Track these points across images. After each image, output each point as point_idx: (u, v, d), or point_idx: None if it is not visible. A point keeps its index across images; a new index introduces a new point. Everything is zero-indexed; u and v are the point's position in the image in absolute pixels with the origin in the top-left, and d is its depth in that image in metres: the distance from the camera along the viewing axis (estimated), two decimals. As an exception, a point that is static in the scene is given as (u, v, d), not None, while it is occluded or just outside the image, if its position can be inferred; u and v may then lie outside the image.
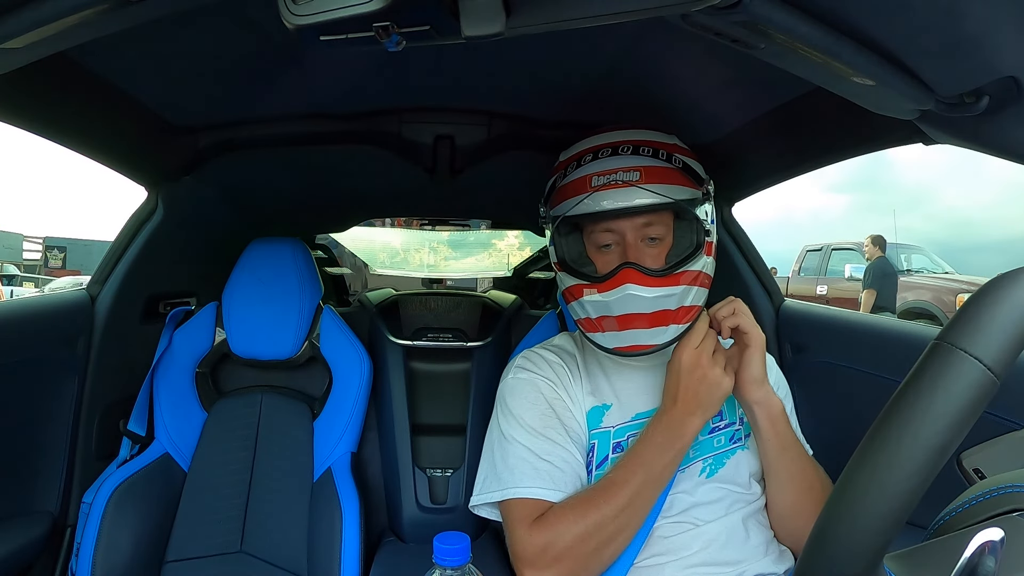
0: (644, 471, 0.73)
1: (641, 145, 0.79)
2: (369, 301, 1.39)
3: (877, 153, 0.90)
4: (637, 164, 0.77)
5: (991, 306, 0.35)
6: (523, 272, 2.10)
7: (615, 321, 0.77)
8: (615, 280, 0.76)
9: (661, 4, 0.43)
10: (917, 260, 7.28)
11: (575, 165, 0.80)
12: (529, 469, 0.78)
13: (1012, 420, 0.80)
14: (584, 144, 0.82)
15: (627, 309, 0.76)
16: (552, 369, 0.86)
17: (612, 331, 0.78)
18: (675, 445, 0.73)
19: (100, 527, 0.93)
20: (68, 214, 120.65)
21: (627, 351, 0.78)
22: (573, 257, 0.84)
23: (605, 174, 0.77)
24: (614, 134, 0.81)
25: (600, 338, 0.80)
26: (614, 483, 0.74)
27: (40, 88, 0.76)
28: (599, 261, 0.81)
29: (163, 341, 1.11)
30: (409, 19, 0.42)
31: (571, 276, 0.81)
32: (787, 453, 0.79)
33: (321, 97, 0.96)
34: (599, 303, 0.78)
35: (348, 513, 0.96)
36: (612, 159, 0.78)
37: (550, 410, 0.82)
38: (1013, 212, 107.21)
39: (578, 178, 0.79)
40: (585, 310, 0.80)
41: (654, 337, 0.77)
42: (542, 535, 0.73)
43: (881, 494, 0.34)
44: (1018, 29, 0.48)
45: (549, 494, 0.76)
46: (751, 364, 0.77)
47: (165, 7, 0.50)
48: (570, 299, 0.83)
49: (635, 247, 0.78)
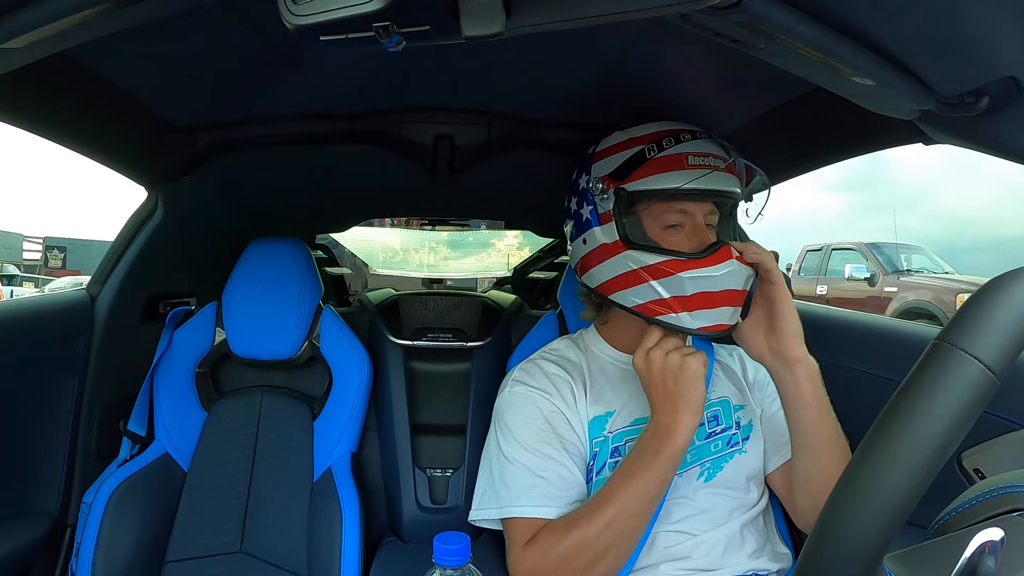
0: (631, 485, 0.71)
1: (717, 139, 0.80)
2: (369, 301, 1.39)
3: (875, 152, 0.90)
4: (721, 153, 0.77)
5: (991, 306, 0.35)
6: (523, 272, 2.10)
7: (714, 297, 0.74)
8: (718, 256, 0.74)
9: (661, 4, 0.43)
10: (917, 260, 7.28)
11: (672, 141, 0.77)
12: (526, 486, 0.77)
13: (1012, 420, 0.80)
14: (662, 126, 0.80)
15: (729, 285, 0.74)
16: (550, 381, 0.85)
17: (702, 309, 0.74)
18: (667, 448, 0.70)
19: (100, 527, 0.93)
20: (68, 214, 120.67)
21: (713, 330, 0.75)
22: (638, 236, 0.79)
23: (701, 155, 0.76)
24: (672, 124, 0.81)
25: (684, 319, 0.75)
26: (601, 499, 0.72)
27: (40, 88, 0.76)
28: (665, 241, 0.78)
29: (163, 341, 1.11)
30: (409, 19, 0.42)
31: (653, 253, 0.76)
32: (827, 419, 0.75)
33: (321, 97, 0.96)
34: (704, 278, 0.73)
35: (348, 513, 0.96)
36: (702, 142, 0.77)
37: (547, 425, 0.81)
38: (1011, 212, 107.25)
39: (675, 155, 0.76)
40: (676, 288, 0.74)
41: (732, 317, 0.76)
42: (531, 557, 0.74)
43: (881, 494, 0.34)
44: (1018, 29, 0.48)
45: (545, 511, 0.76)
46: (787, 318, 0.75)
47: (165, 7, 0.51)
48: (641, 280, 0.76)
49: (703, 230, 0.78)
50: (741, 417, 0.85)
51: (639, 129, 0.81)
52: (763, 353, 0.78)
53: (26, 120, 0.81)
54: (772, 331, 0.76)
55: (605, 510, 0.71)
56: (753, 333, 0.79)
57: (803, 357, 0.75)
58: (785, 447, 0.83)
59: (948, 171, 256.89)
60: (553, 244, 1.93)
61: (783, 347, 0.75)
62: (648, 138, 0.79)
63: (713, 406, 0.85)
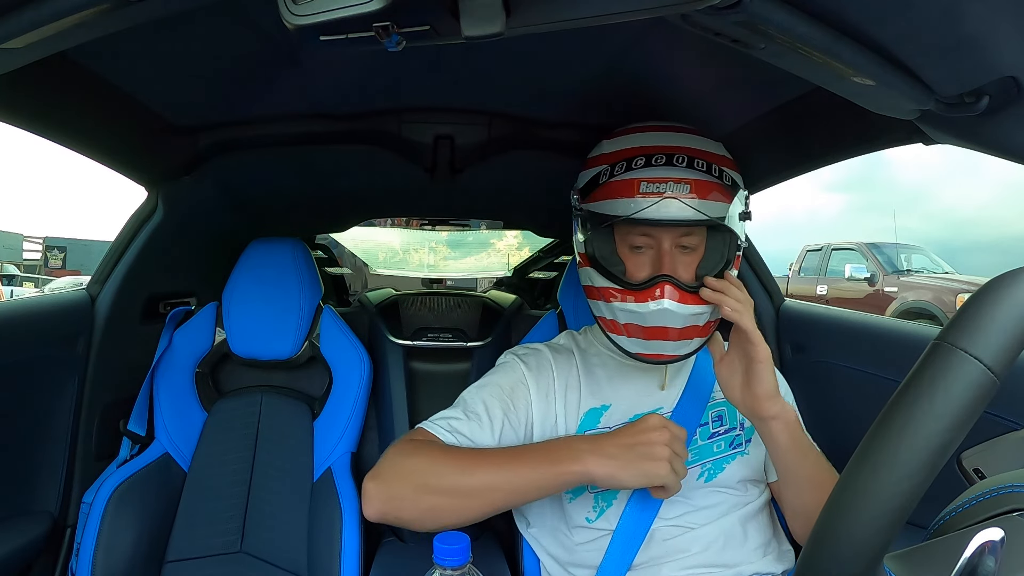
0: (511, 465, 0.70)
1: (696, 157, 0.75)
2: (369, 301, 1.39)
3: (874, 153, 0.90)
4: (689, 177, 0.73)
5: (991, 306, 0.35)
6: (523, 272, 2.10)
7: (643, 331, 0.76)
8: (650, 292, 0.74)
9: (661, 4, 0.43)
10: (917, 260, 7.28)
11: (624, 165, 0.76)
12: (449, 413, 0.80)
13: (1012, 420, 0.80)
14: (636, 141, 0.78)
15: (660, 323, 0.74)
16: (537, 360, 0.87)
17: (638, 339, 0.77)
18: (565, 465, 0.69)
19: (100, 527, 0.93)
20: (68, 214, 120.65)
21: (650, 358, 0.77)
22: (604, 255, 0.80)
23: (655, 182, 0.73)
24: (669, 136, 0.78)
25: (624, 342, 0.79)
26: (483, 456, 0.72)
27: (40, 88, 0.76)
28: (630, 262, 0.79)
29: (163, 341, 1.11)
30: (409, 19, 0.42)
31: (602, 276, 0.79)
32: (807, 458, 0.76)
33: (321, 97, 0.96)
34: (632, 312, 0.75)
35: (348, 513, 0.96)
36: (665, 168, 0.74)
37: (508, 387, 0.84)
38: (1010, 212, 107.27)
39: (626, 180, 0.75)
40: (613, 314, 0.78)
41: (679, 349, 0.76)
42: (394, 447, 0.75)
43: (881, 494, 0.34)
44: (1018, 29, 0.48)
45: (442, 434, 0.77)
46: (763, 379, 0.73)
47: (165, 7, 0.50)
48: (596, 297, 0.81)
49: (670, 255, 0.76)
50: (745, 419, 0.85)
51: (616, 143, 0.80)
52: (737, 403, 0.76)
53: (26, 120, 0.81)
54: (747, 385, 0.74)
55: (477, 465, 0.71)
56: (730, 378, 0.76)
57: (779, 413, 0.73)
58: None
59: (947, 171, 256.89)
60: (553, 244, 1.93)
61: (757, 406, 0.74)
62: (614, 156, 0.78)
63: (718, 406, 0.85)
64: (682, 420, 0.82)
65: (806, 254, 7.97)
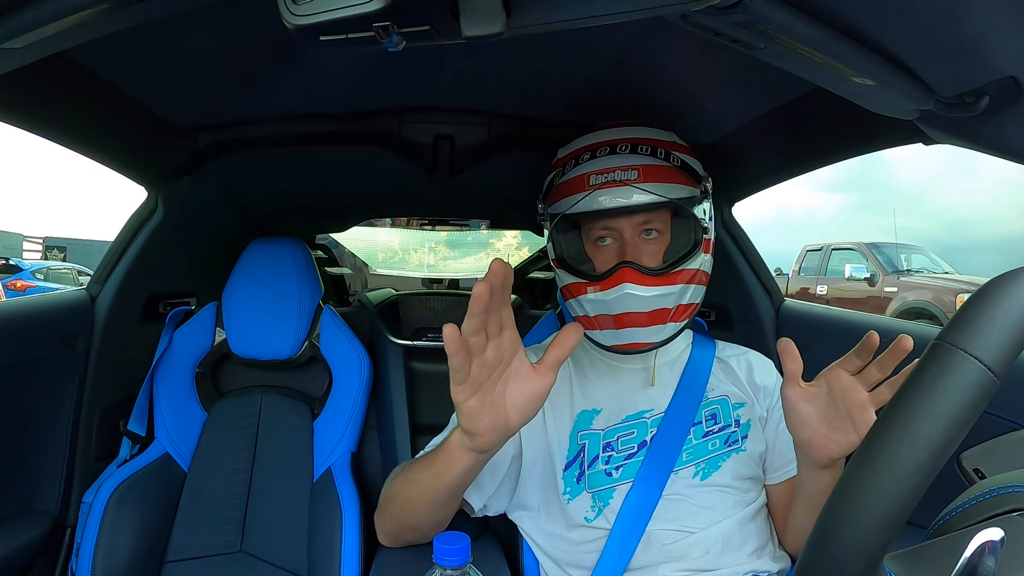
0: (430, 463, 0.68)
1: (639, 143, 0.79)
2: (369, 301, 1.39)
3: (873, 153, 0.90)
4: (635, 163, 0.77)
5: (991, 306, 0.35)
6: (523, 272, 2.10)
7: (613, 319, 0.78)
8: (613, 279, 0.76)
9: (661, 4, 0.43)
10: (917, 260, 7.28)
11: (573, 163, 0.81)
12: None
13: (1012, 420, 0.80)
14: (582, 141, 0.82)
15: (625, 308, 0.76)
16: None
17: (610, 329, 0.79)
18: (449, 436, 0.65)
19: (100, 527, 0.93)
20: (68, 214, 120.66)
21: (625, 348, 0.79)
22: (571, 255, 0.84)
23: (603, 172, 0.77)
24: (612, 131, 0.81)
25: (598, 336, 0.81)
26: (413, 467, 0.73)
27: (40, 88, 0.76)
28: (597, 259, 0.81)
29: (163, 341, 1.11)
30: (409, 19, 0.42)
31: (569, 274, 0.82)
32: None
33: (321, 97, 0.96)
34: (597, 302, 0.78)
35: (348, 513, 0.96)
36: (610, 158, 0.78)
37: None
38: (1009, 212, 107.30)
39: (575, 176, 0.79)
40: (583, 308, 0.81)
41: (652, 336, 0.78)
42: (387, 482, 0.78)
43: (881, 494, 0.34)
44: (1018, 29, 0.48)
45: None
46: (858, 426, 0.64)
47: (165, 7, 0.50)
48: (568, 296, 0.83)
49: (633, 244, 0.78)
50: (741, 415, 0.85)
51: (568, 147, 0.84)
52: (804, 441, 0.67)
53: (26, 120, 0.81)
54: (827, 423, 0.66)
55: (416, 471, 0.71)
56: (808, 412, 0.67)
57: (840, 464, 0.67)
58: (785, 467, 0.83)
59: (946, 171, 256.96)
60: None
61: (830, 451, 0.65)
62: (565, 159, 0.83)
63: (711, 405, 0.85)
64: (675, 420, 0.82)
65: (806, 254, 7.98)
